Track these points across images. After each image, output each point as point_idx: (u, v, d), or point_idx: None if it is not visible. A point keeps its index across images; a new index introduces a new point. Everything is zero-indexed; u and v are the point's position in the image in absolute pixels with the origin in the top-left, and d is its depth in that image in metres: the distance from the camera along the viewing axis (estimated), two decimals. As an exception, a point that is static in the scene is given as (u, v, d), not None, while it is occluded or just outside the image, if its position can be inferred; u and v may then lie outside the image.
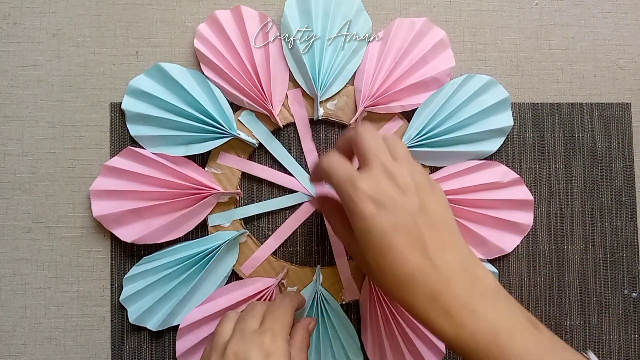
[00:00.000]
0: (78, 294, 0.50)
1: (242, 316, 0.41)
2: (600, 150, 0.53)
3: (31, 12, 0.51)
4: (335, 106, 0.51)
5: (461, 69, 0.52)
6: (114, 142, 0.51)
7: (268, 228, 0.51)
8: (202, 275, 0.48)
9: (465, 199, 0.50)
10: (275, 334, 0.38)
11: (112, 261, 0.50)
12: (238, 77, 0.49)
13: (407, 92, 0.50)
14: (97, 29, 0.51)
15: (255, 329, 0.39)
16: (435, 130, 0.49)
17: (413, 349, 0.49)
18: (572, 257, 0.52)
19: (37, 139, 0.50)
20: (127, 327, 0.50)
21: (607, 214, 0.53)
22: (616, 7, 0.54)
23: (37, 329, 0.50)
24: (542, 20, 0.53)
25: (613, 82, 0.54)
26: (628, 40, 0.54)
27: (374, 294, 0.49)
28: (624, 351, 0.52)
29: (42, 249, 0.50)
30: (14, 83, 0.50)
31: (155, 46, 0.51)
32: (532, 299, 0.52)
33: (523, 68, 0.53)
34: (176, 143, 0.49)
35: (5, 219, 0.50)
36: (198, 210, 0.48)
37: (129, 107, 0.50)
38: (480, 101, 0.51)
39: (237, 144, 0.50)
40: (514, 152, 0.52)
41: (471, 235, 0.50)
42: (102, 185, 0.49)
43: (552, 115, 0.53)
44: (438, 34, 0.51)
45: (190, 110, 0.49)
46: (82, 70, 0.51)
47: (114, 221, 0.48)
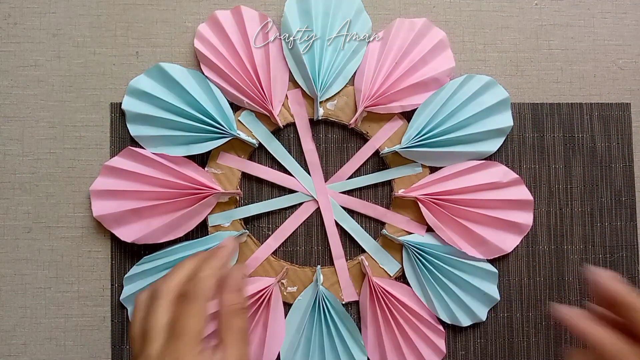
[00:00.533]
0: (78, 293, 0.50)
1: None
2: (600, 150, 0.53)
3: (31, 12, 0.51)
4: (335, 106, 0.51)
5: (461, 69, 0.52)
6: (114, 142, 0.51)
7: (268, 228, 0.51)
8: (202, 275, 0.48)
9: (465, 199, 0.50)
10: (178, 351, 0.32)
11: (112, 261, 0.50)
12: (238, 77, 0.49)
13: (407, 92, 0.50)
14: (98, 29, 0.51)
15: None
16: (435, 130, 0.49)
17: (413, 349, 0.49)
18: (572, 257, 0.52)
19: (38, 139, 0.50)
20: (127, 326, 0.50)
21: (607, 214, 0.53)
22: (616, 7, 0.54)
23: (37, 329, 0.50)
24: (542, 21, 0.53)
25: (613, 82, 0.54)
26: (628, 41, 0.54)
27: (374, 295, 0.49)
28: (624, 351, 0.52)
29: (42, 249, 0.50)
30: (14, 83, 0.51)
31: (155, 46, 0.51)
32: (532, 299, 0.52)
33: (523, 68, 0.53)
34: (176, 143, 0.49)
35: (5, 219, 0.50)
36: (198, 210, 0.48)
37: (129, 107, 0.50)
38: (480, 101, 0.51)
39: (237, 144, 0.50)
40: (514, 152, 0.52)
41: (471, 236, 0.50)
42: (102, 185, 0.49)
43: (551, 115, 0.53)
44: (438, 34, 0.51)
45: (190, 111, 0.49)
46: (83, 70, 0.51)
47: (114, 221, 0.49)
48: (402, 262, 0.51)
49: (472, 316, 0.50)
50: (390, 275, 0.51)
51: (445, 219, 0.50)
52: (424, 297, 0.50)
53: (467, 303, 0.50)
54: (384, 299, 0.49)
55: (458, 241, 0.50)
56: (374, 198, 0.52)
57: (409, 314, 0.49)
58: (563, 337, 0.52)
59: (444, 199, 0.49)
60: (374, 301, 0.49)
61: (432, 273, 0.49)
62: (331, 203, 0.51)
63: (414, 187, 0.50)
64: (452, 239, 0.49)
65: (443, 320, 0.50)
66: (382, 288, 0.49)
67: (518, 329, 0.51)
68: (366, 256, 0.51)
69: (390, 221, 0.51)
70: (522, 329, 0.52)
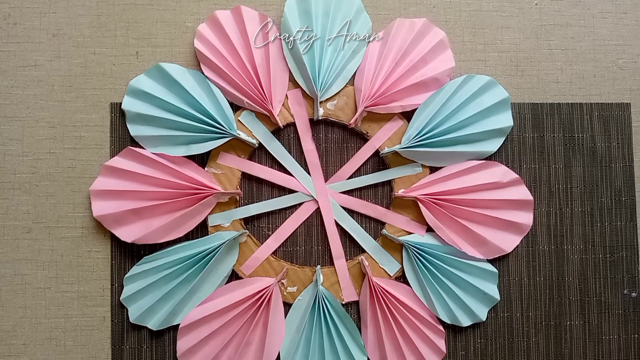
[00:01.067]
0: (78, 294, 0.50)
1: None
2: (600, 150, 0.53)
3: (31, 12, 0.51)
4: (335, 106, 0.51)
5: (461, 69, 0.52)
6: (114, 142, 0.51)
7: (268, 228, 0.51)
8: (202, 275, 0.48)
9: (465, 199, 0.50)
10: None
11: (112, 261, 0.50)
12: (238, 77, 0.49)
13: (407, 92, 0.50)
14: (98, 29, 0.51)
15: None
16: (435, 130, 0.49)
17: (413, 349, 0.49)
18: (572, 257, 0.52)
19: (37, 139, 0.50)
20: (127, 326, 0.50)
21: (607, 214, 0.53)
22: (616, 7, 0.54)
23: (37, 329, 0.50)
24: (542, 21, 0.53)
25: (613, 82, 0.54)
26: (628, 41, 0.54)
27: (374, 295, 0.49)
28: (624, 351, 0.52)
29: (42, 249, 0.50)
30: (14, 83, 0.51)
31: (155, 46, 0.51)
32: (532, 299, 0.52)
33: (523, 68, 0.53)
34: (176, 143, 0.49)
35: (5, 219, 0.50)
36: (198, 210, 0.48)
37: (129, 107, 0.50)
38: (480, 101, 0.51)
39: (237, 144, 0.50)
40: (514, 152, 0.52)
41: (471, 236, 0.50)
42: (102, 185, 0.49)
43: (551, 115, 0.53)
44: (438, 34, 0.51)
45: (190, 110, 0.49)
46: (83, 70, 0.51)
47: (114, 221, 0.49)
48: (402, 262, 0.51)
49: (472, 316, 0.50)
50: (390, 275, 0.51)
51: (445, 219, 0.50)
52: (424, 297, 0.50)
53: (467, 303, 0.50)
54: (384, 299, 0.49)
55: (458, 241, 0.50)
56: (374, 198, 0.52)
57: (409, 314, 0.49)
58: (563, 337, 0.52)
59: (444, 199, 0.49)
60: (374, 301, 0.49)
61: (432, 273, 0.49)
62: (331, 203, 0.51)
63: (414, 187, 0.50)
64: (452, 239, 0.50)
65: (443, 320, 0.50)
66: (382, 288, 0.49)
67: (518, 329, 0.51)
68: (366, 256, 0.51)
69: (390, 221, 0.51)
70: (522, 329, 0.52)
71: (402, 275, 0.51)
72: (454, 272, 0.49)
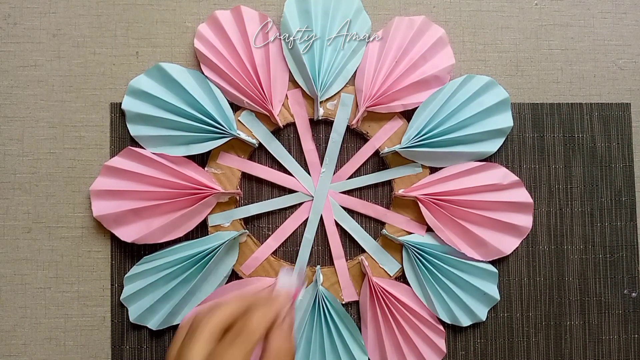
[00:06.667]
0: (78, 294, 0.50)
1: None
2: (600, 150, 0.53)
3: (31, 12, 0.51)
4: (335, 106, 0.51)
5: (461, 69, 0.52)
6: (114, 142, 0.51)
7: (268, 228, 0.51)
8: (202, 275, 0.48)
9: (465, 200, 0.50)
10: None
11: (112, 261, 0.50)
12: (238, 77, 0.49)
13: (408, 90, 0.50)
14: (97, 29, 0.51)
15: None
16: (435, 130, 0.49)
17: (413, 349, 0.49)
18: (571, 257, 0.52)
19: (37, 139, 0.50)
20: (127, 326, 0.50)
21: (607, 214, 0.53)
22: (616, 7, 0.54)
23: (37, 329, 0.50)
24: (542, 21, 0.53)
25: (613, 82, 0.54)
26: (628, 41, 0.54)
27: (374, 295, 0.49)
28: (624, 351, 0.52)
29: (42, 249, 0.50)
30: (14, 83, 0.51)
31: (155, 46, 0.51)
32: (532, 299, 0.52)
33: (523, 68, 0.53)
34: (176, 143, 0.49)
35: (5, 219, 0.50)
36: (198, 210, 0.48)
37: (129, 107, 0.50)
38: (480, 102, 0.51)
39: (237, 144, 0.50)
40: (514, 152, 0.52)
41: (470, 237, 0.50)
42: (102, 185, 0.49)
43: (551, 115, 0.53)
44: (437, 31, 0.51)
45: (190, 110, 0.49)
46: (83, 70, 0.51)
47: (114, 221, 0.49)
48: (402, 262, 0.51)
49: (472, 316, 0.50)
50: (390, 275, 0.51)
51: (445, 220, 0.50)
52: (424, 297, 0.50)
53: (467, 303, 0.50)
54: (384, 299, 0.49)
55: (457, 242, 0.50)
56: (374, 198, 0.52)
57: (409, 314, 0.49)
58: (563, 337, 0.52)
59: (444, 199, 0.49)
60: (374, 301, 0.49)
61: (432, 273, 0.49)
62: (331, 203, 0.51)
63: (414, 187, 0.50)
64: (451, 240, 0.49)
65: (443, 320, 0.50)
66: (382, 288, 0.49)
67: (518, 329, 0.51)
68: (366, 256, 0.51)
69: (390, 221, 0.51)
70: (522, 329, 0.52)
71: (402, 275, 0.51)
72: (454, 272, 0.49)
